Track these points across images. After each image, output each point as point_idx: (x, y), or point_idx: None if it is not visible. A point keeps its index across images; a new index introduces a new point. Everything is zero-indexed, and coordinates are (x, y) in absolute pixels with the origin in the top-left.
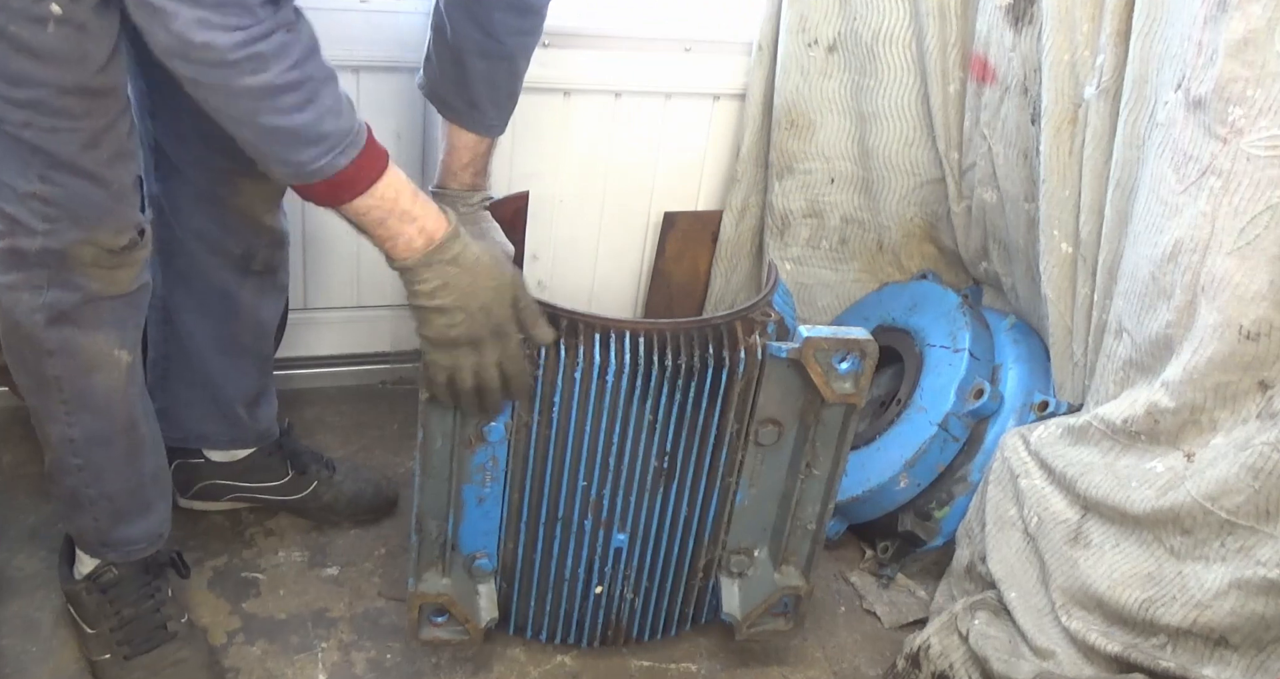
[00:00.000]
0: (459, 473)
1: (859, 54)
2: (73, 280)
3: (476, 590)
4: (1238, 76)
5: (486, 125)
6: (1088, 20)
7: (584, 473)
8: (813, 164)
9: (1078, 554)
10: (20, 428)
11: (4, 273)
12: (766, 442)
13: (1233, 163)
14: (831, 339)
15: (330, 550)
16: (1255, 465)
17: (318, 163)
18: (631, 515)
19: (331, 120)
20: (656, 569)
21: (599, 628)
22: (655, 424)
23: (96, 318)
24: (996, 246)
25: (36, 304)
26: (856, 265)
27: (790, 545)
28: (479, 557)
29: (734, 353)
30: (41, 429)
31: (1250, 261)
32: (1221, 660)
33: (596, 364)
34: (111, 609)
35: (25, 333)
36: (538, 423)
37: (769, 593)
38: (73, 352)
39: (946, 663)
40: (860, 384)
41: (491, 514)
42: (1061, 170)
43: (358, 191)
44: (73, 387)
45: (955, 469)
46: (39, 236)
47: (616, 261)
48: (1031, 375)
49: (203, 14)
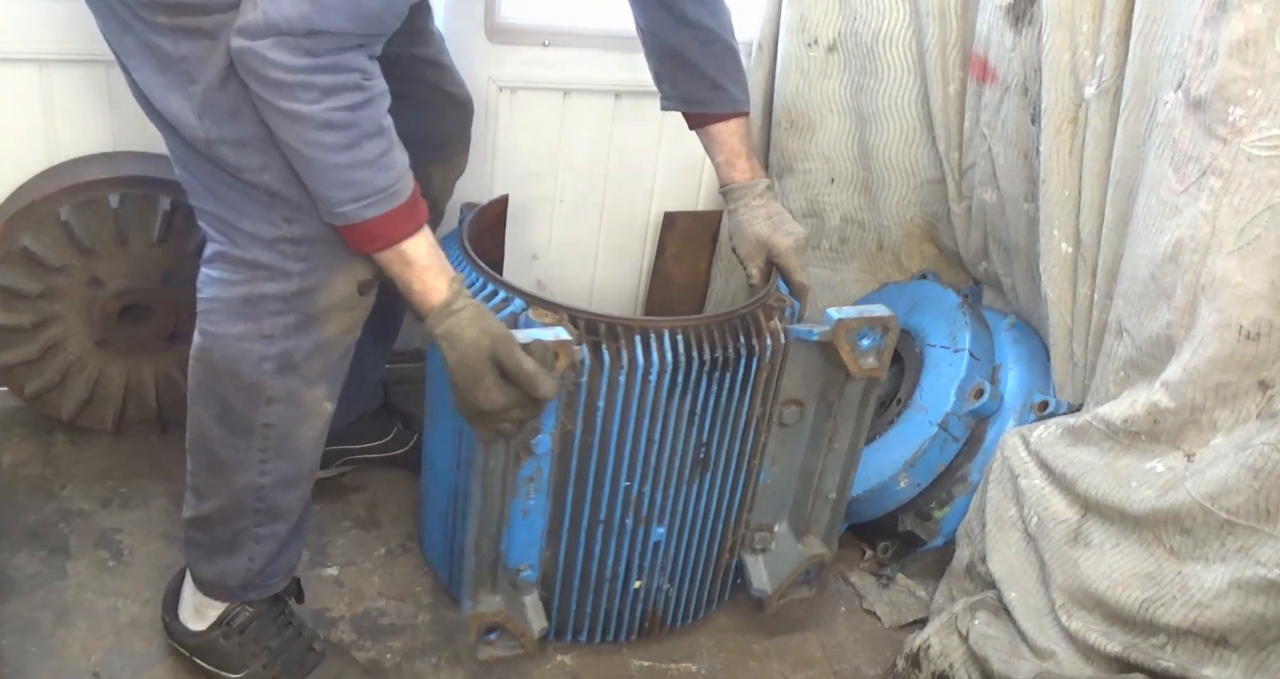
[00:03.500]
0: (508, 488)
1: (859, 54)
2: (313, 325)
3: (522, 603)
4: (1238, 76)
5: (735, 100)
6: (1088, 20)
7: (626, 473)
8: (813, 164)
9: (1078, 554)
10: (20, 428)
11: (231, 323)
12: (789, 421)
13: (1233, 163)
14: (859, 318)
15: (330, 550)
16: (1255, 465)
17: (344, 207)
18: (669, 508)
19: (366, 172)
20: (690, 557)
21: (637, 621)
22: (693, 417)
23: (319, 370)
24: (996, 246)
25: (268, 353)
26: (856, 265)
27: (812, 516)
28: (523, 569)
29: (760, 340)
30: (222, 479)
31: (1250, 262)
32: (1221, 660)
33: (640, 365)
34: (258, 646)
35: (248, 382)
36: (581, 429)
37: (795, 564)
38: (293, 402)
39: (946, 663)
40: (883, 358)
41: (535, 525)
42: (1062, 170)
43: (377, 246)
44: (281, 436)
45: (955, 469)
46: (294, 278)
47: (616, 262)
48: (1031, 375)
49: (289, 39)
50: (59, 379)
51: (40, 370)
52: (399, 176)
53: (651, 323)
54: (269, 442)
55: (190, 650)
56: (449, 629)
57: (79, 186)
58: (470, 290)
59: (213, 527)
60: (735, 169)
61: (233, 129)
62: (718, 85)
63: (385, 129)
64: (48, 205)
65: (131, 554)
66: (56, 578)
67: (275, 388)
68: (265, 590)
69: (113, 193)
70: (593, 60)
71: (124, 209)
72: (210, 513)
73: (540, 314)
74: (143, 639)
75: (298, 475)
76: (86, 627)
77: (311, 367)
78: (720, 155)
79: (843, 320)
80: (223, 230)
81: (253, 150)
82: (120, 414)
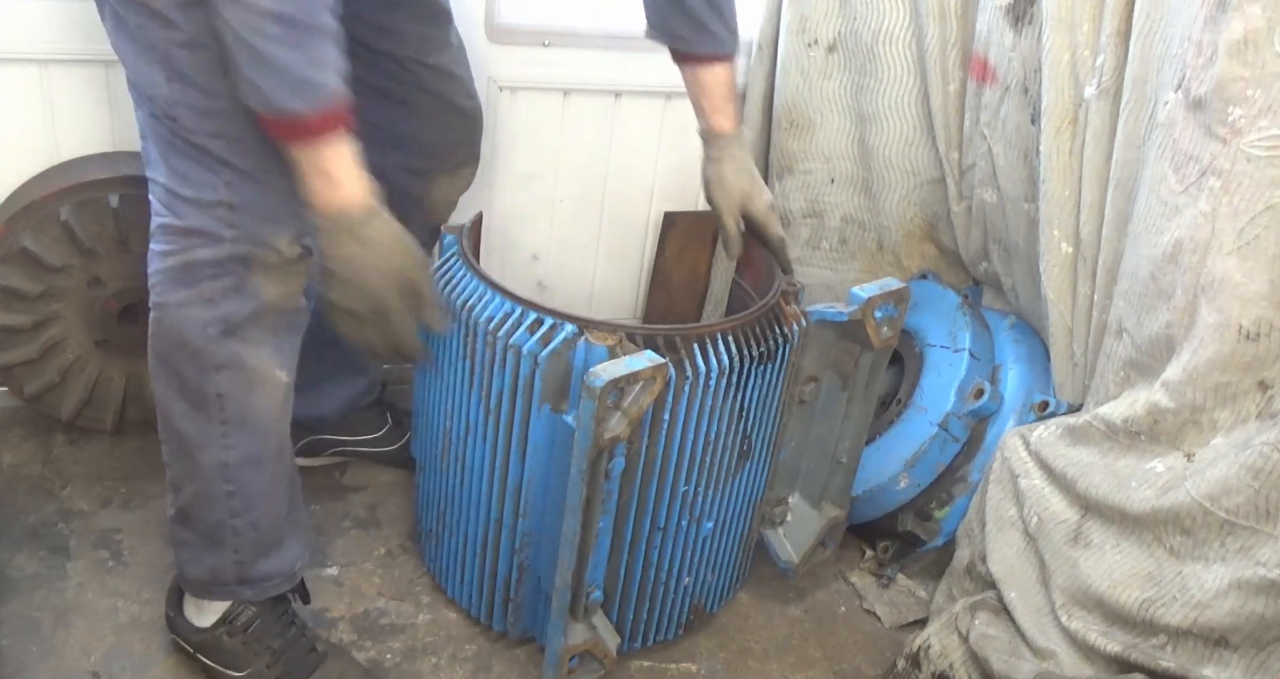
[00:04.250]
0: (592, 517)
1: (859, 54)
2: (250, 288)
3: (594, 625)
4: (1238, 77)
5: (719, 41)
6: (1088, 20)
7: (685, 477)
8: (813, 164)
9: (1078, 554)
10: (20, 428)
11: (174, 290)
12: (808, 398)
13: (1233, 163)
14: (882, 294)
15: (330, 550)
16: (1255, 465)
17: (277, 99)
18: (717, 502)
19: (306, 68)
20: (728, 543)
21: (685, 616)
22: (741, 411)
23: (262, 334)
24: (996, 247)
25: (209, 318)
26: (856, 265)
27: (829, 482)
28: (592, 591)
29: (788, 327)
30: (190, 460)
31: (1250, 262)
32: (1221, 660)
33: (701, 371)
34: (261, 646)
35: (194, 349)
36: (646, 443)
37: (816, 531)
38: (239, 366)
39: (946, 663)
40: (896, 327)
41: (603, 546)
42: (1061, 170)
43: (299, 140)
44: (235, 405)
45: (955, 469)
46: (225, 244)
47: (616, 262)
48: (1031, 375)
49: None
50: (59, 379)
51: (40, 370)
52: (337, 78)
53: (705, 329)
54: (225, 413)
55: (193, 647)
56: (449, 629)
57: (79, 186)
58: (511, 319)
59: (192, 519)
60: (720, 116)
61: (196, 95)
62: (702, 25)
63: (333, 29)
64: (48, 205)
65: (131, 554)
66: (56, 578)
67: (220, 354)
68: (263, 590)
69: (113, 193)
70: (593, 60)
71: (124, 209)
72: (188, 503)
73: (600, 337)
74: (143, 639)
75: (262, 453)
76: (86, 627)
77: (253, 331)
78: (705, 100)
79: (871, 298)
80: (167, 202)
81: (211, 117)
82: (120, 414)
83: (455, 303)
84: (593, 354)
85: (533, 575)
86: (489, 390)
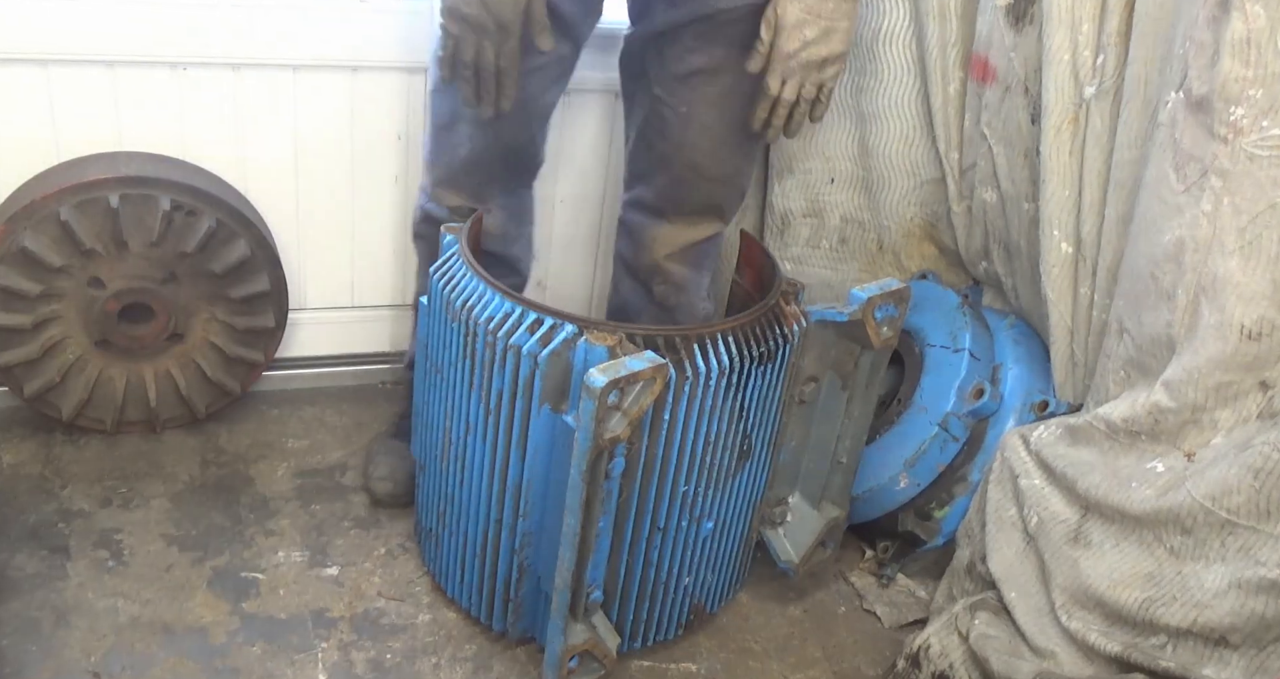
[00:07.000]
0: (592, 517)
1: (859, 54)
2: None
3: (594, 624)
4: (1239, 76)
5: None
6: (1088, 20)
7: (685, 477)
8: (813, 164)
9: (1078, 554)
10: (20, 428)
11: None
12: (808, 398)
13: (1234, 163)
14: (882, 294)
15: (330, 550)
16: (1256, 465)
17: None
18: (717, 502)
19: None
20: (728, 543)
21: (684, 616)
22: (741, 411)
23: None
24: (997, 246)
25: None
26: (856, 265)
27: (829, 482)
28: (592, 591)
29: (788, 327)
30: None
31: (1252, 261)
32: (1221, 660)
33: (702, 372)
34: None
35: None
36: (646, 443)
37: (816, 530)
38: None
39: (946, 663)
40: (895, 327)
41: (603, 546)
42: (1062, 170)
43: None
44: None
45: (955, 469)
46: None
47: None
48: (1031, 375)
49: None
50: (59, 379)
51: (40, 370)
52: None
53: (705, 329)
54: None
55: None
56: (449, 629)
57: (79, 186)
58: (511, 319)
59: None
60: None
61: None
62: None
63: None
64: (48, 205)
65: (131, 554)
66: (56, 578)
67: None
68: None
69: (113, 193)
70: (592, 60)
71: (124, 209)
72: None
73: (600, 337)
74: (143, 639)
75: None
76: (86, 627)
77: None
78: None
79: (871, 298)
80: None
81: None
82: (120, 414)
83: (455, 303)
84: (593, 354)
85: (533, 575)
86: (489, 390)
